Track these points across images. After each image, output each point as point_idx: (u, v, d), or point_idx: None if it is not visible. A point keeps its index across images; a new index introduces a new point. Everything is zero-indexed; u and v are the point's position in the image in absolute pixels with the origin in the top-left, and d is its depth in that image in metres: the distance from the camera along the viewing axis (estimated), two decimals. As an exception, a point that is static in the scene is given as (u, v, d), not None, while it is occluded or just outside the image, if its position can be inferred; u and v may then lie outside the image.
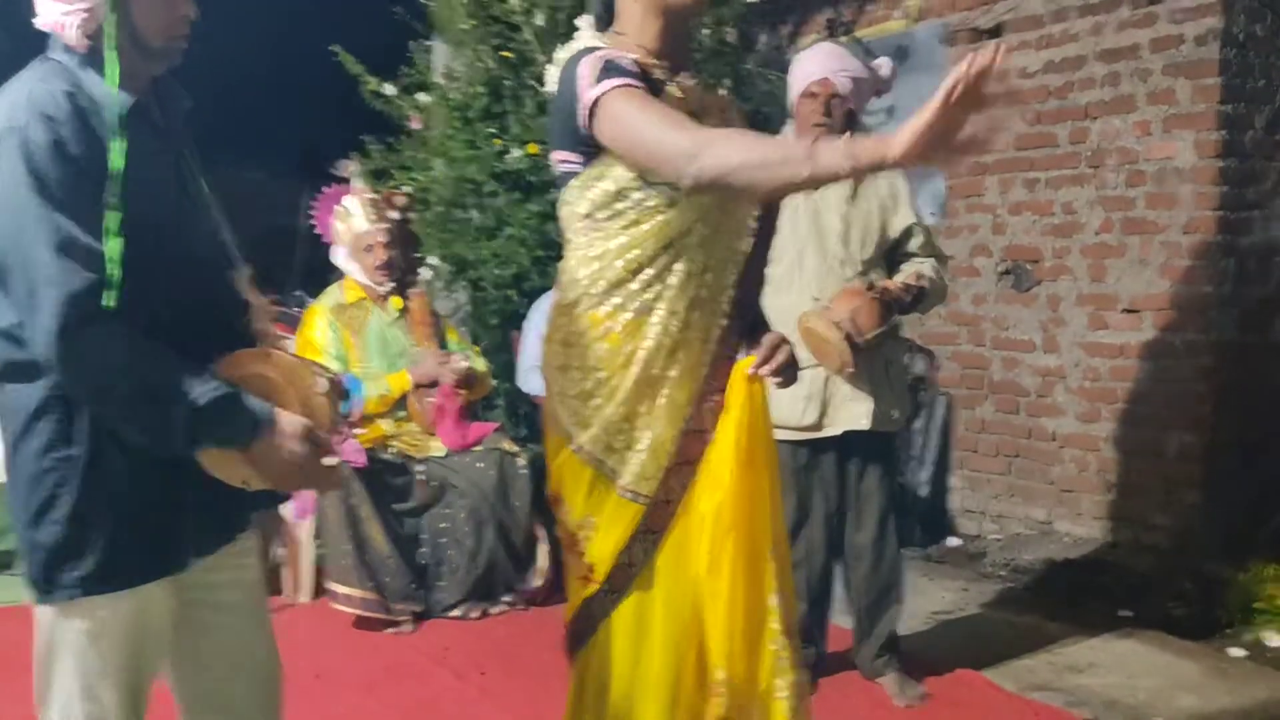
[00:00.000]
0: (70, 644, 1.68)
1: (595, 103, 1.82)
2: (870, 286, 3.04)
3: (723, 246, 1.94)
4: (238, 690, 1.85)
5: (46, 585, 1.66)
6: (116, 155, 1.55)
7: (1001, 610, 4.02)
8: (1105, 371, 4.60)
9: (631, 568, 1.95)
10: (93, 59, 1.64)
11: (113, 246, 1.53)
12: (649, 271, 1.91)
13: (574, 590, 2.03)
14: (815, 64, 3.10)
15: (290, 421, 1.61)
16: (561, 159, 1.96)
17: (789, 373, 1.98)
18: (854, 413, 3.09)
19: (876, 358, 3.07)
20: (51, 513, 1.63)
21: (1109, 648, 3.58)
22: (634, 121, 1.80)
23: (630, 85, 1.81)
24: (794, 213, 3.06)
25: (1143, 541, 4.47)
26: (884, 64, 3.20)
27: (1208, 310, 4.30)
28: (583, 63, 1.86)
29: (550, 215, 5.08)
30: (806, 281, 3.10)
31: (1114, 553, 4.49)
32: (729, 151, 1.72)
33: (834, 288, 3.08)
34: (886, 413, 3.14)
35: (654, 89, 1.88)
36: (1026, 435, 4.88)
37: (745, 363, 1.94)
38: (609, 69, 1.83)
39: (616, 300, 1.93)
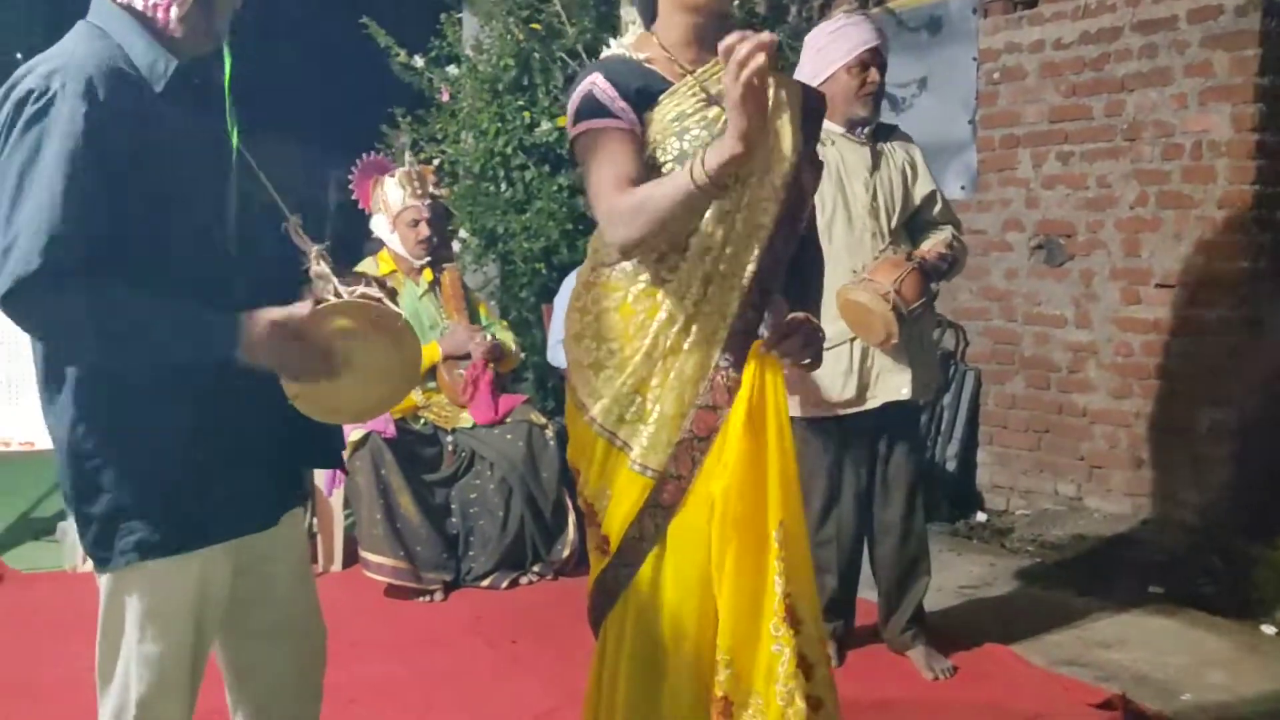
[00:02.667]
0: (133, 613, 1.71)
1: (573, 141, 1.96)
2: (909, 256, 3.03)
3: (743, 221, 1.92)
4: (280, 658, 1.88)
5: (104, 554, 1.68)
6: (161, 117, 1.59)
7: (1029, 585, 4.01)
8: (1137, 347, 4.57)
9: (642, 541, 1.95)
10: (149, 26, 1.67)
11: (116, 212, 1.57)
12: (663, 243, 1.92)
13: (593, 561, 2.05)
14: (863, 32, 3.08)
15: (256, 320, 1.61)
16: None
17: (806, 353, 1.94)
18: (894, 384, 3.08)
19: (913, 328, 3.07)
20: (99, 482, 1.66)
21: (1138, 624, 3.58)
22: (589, 174, 1.93)
23: (598, 129, 1.90)
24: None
25: (1173, 518, 4.45)
26: (883, 29, 3.25)
27: (1241, 286, 4.26)
28: (574, 94, 1.96)
29: (579, 189, 5.08)
30: (835, 253, 3.09)
31: (1144, 529, 4.47)
32: (627, 226, 1.84)
33: (863, 259, 3.08)
34: (925, 382, 3.17)
35: (644, 96, 1.93)
36: (1057, 411, 4.85)
37: (760, 341, 1.93)
38: (582, 109, 1.92)
39: (629, 270, 1.94)
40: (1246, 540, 4.05)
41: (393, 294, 1.74)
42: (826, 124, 3.13)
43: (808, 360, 1.97)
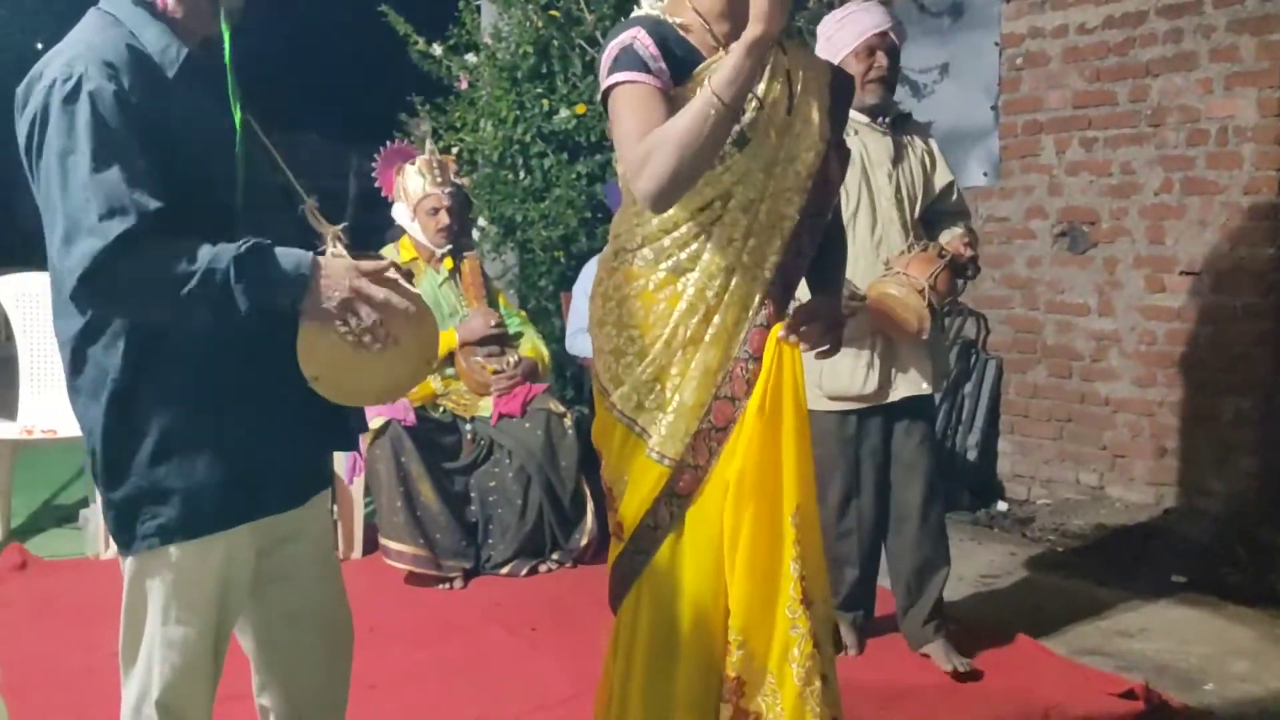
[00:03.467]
0: (157, 596, 1.72)
1: (606, 92, 1.90)
2: (941, 252, 3.02)
3: (767, 212, 1.91)
4: (307, 640, 1.89)
5: (127, 538, 1.70)
6: (175, 102, 1.60)
7: (1051, 575, 3.99)
8: (1161, 335, 4.53)
9: (657, 530, 1.95)
10: (156, 12, 1.67)
11: (157, 186, 1.58)
12: (684, 231, 1.91)
13: (611, 546, 2.06)
14: (872, 17, 3.06)
15: (334, 260, 1.64)
16: None
17: (826, 339, 1.93)
18: (915, 378, 3.08)
19: (935, 321, 3.05)
20: (121, 466, 1.67)
21: (1161, 613, 3.55)
22: (618, 127, 1.87)
23: (633, 82, 1.85)
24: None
25: (1196, 507, 4.42)
26: (895, 15, 3.20)
27: (1267, 273, 4.22)
28: (612, 43, 1.89)
29: (598, 176, 5.07)
30: (860, 244, 3.07)
31: (1167, 518, 4.45)
32: (653, 168, 1.78)
33: (888, 251, 3.07)
34: (943, 374, 3.17)
35: (682, 68, 1.88)
36: (1079, 400, 4.82)
37: (779, 326, 1.91)
38: (620, 60, 1.87)
39: (650, 257, 1.93)
40: (1271, 529, 4.03)
41: (408, 277, 1.73)
42: (851, 112, 3.11)
43: (826, 346, 1.96)
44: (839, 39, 3.08)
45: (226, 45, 1.72)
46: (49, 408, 4.15)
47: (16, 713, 2.77)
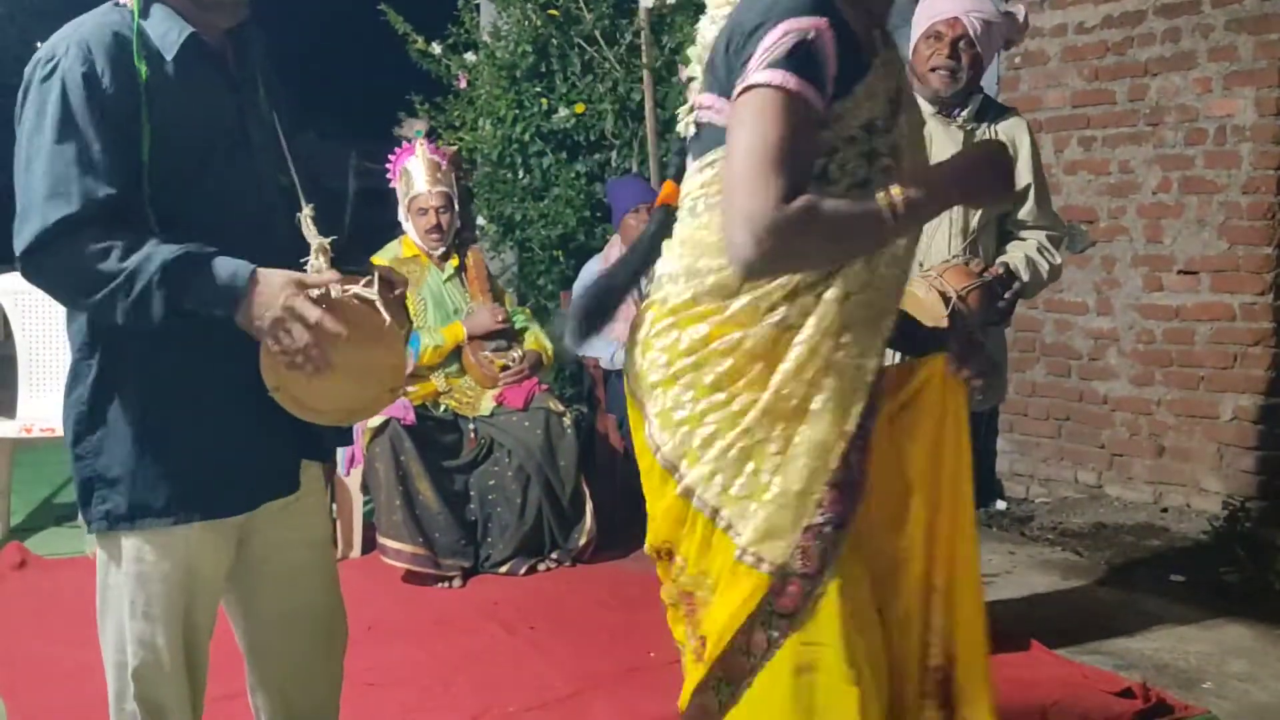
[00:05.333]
0: (121, 585, 1.74)
1: (754, 87, 1.46)
2: (983, 271, 2.85)
3: (896, 257, 1.59)
4: (300, 642, 1.89)
5: (86, 517, 1.73)
6: (141, 71, 1.61)
7: (1049, 573, 3.99)
8: (1160, 334, 4.54)
9: (750, 658, 1.55)
10: (145, 9, 1.69)
11: (127, 165, 1.60)
12: (796, 280, 1.53)
13: (686, 667, 1.65)
14: (946, 2, 2.89)
15: (273, 274, 1.58)
16: (710, 104, 1.58)
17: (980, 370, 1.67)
18: None
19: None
20: (80, 448, 1.70)
21: (1159, 612, 3.55)
22: (750, 136, 1.44)
23: (797, 94, 1.43)
24: None
25: (1195, 506, 4.43)
26: (1020, 10, 3.00)
27: (1266, 272, 4.22)
28: (784, 24, 1.45)
29: (597, 175, 5.07)
30: (904, 244, 2.96)
31: (1165, 517, 4.45)
32: (789, 238, 1.42)
33: (932, 257, 2.92)
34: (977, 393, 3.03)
35: (856, 71, 1.51)
36: (1078, 398, 4.82)
37: (939, 359, 1.66)
38: (793, 55, 1.43)
39: (749, 306, 1.54)
40: (1270, 529, 4.03)
41: (403, 285, 1.71)
42: (919, 102, 2.92)
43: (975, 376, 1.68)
44: (915, 19, 2.96)
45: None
46: (48, 406, 4.15)
47: (15, 711, 2.77)
